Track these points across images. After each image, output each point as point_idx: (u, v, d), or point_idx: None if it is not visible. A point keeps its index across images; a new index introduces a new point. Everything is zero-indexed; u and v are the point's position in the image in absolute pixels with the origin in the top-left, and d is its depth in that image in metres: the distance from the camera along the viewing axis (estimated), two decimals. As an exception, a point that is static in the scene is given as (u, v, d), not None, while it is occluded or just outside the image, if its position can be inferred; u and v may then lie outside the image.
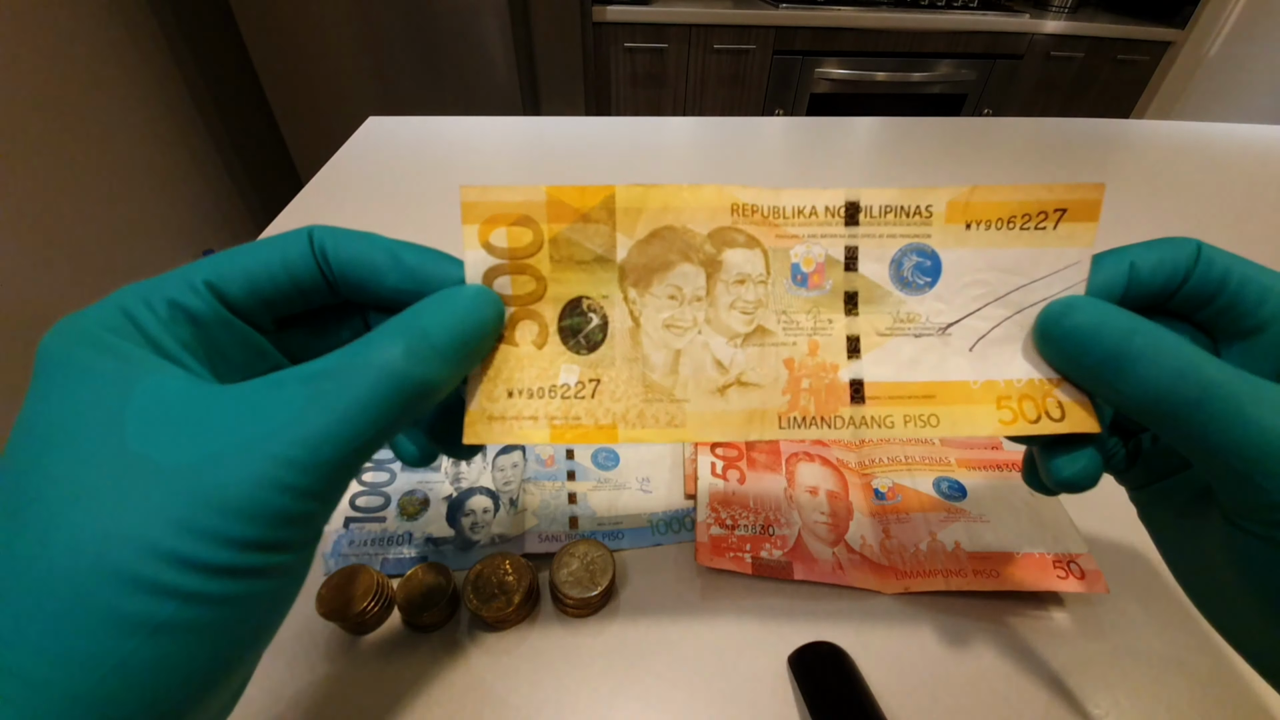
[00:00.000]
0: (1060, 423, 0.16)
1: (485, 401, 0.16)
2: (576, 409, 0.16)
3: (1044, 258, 0.16)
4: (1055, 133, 0.77)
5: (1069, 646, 0.23)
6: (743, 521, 0.25)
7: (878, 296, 0.16)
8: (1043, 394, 0.16)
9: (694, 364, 0.16)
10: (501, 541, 0.25)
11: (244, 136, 1.54)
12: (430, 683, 0.21)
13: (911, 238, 0.16)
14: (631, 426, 0.16)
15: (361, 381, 0.12)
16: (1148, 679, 0.22)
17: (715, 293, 0.16)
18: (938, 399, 0.16)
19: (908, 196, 0.16)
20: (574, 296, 0.16)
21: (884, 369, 0.16)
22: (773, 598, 0.24)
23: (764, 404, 0.16)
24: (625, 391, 0.16)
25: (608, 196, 0.16)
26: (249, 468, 0.11)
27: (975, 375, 0.16)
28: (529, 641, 0.22)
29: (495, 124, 0.72)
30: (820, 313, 0.16)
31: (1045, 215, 0.16)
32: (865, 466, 0.28)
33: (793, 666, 0.21)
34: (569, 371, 0.16)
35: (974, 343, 0.16)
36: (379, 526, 0.25)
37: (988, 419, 0.16)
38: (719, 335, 0.16)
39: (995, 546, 0.24)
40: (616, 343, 0.16)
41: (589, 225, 0.16)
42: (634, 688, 0.21)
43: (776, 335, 0.16)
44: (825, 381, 0.16)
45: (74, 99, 1.10)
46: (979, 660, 0.22)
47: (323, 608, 0.21)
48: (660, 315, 0.16)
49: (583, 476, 0.28)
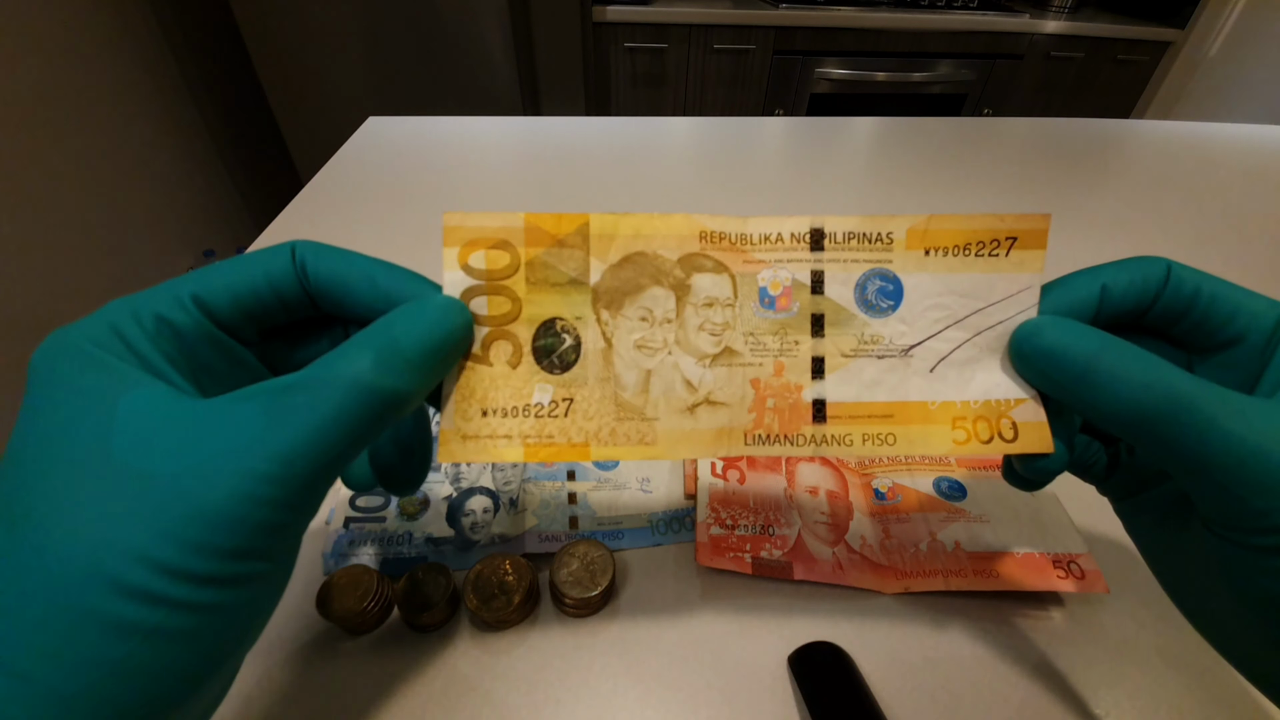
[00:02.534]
0: (1012, 444, 0.16)
1: (459, 420, 0.16)
2: (550, 428, 0.16)
3: (998, 283, 0.17)
4: (1055, 133, 0.77)
5: (1069, 646, 0.23)
6: (743, 521, 0.25)
7: (843, 319, 0.17)
8: (997, 415, 0.17)
9: (664, 384, 0.17)
10: (501, 541, 0.25)
11: (244, 137, 1.54)
12: (430, 683, 0.21)
13: (874, 263, 0.17)
14: (604, 445, 0.16)
15: (331, 395, 0.12)
16: (1148, 679, 0.22)
17: (684, 315, 0.17)
18: (896, 419, 0.17)
19: (870, 224, 0.17)
20: (548, 318, 0.16)
21: (846, 389, 0.17)
22: (773, 598, 0.24)
23: (731, 422, 0.17)
24: (598, 410, 0.16)
25: (583, 224, 0.16)
26: (225, 481, 0.11)
27: (933, 396, 0.17)
28: (529, 641, 0.22)
29: (495, 124, 0.72)
30: (787, 334, 0.17)
31: (998, 243, 0.17)
32: (865, 466, 0.28)
33: (793, 666, 0.21)
34: (543, 391, 0.16)
35: (934, 364, 0.17)
36: (379, 526, 0.25)
37: (942, 439, 0.17)
38: (688, 356, 0.17)
39: (995, 546, 0.24)
40: (589, 363, 0.17)
41: (564, 250, 0.16)
42: (634, 688, 0.21)
43: (744, 356, 0.17)
44: (789, 401, 0.17)
45: (74, 99, 1.10)
46: (979, 660, 0.22)
47: (323, 608, 0.21)
48: (632, 336, 0.17)
49: (583, 476, 0.28)
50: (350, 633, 0.22)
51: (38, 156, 1.03)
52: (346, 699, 0.21)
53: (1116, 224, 0.55)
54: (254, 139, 1.56)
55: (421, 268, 0.16)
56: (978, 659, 0.22)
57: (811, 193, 0.58)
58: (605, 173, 0.60)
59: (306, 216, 0.50)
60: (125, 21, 1.21)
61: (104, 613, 0.10)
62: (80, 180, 1.11)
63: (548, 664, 0.22)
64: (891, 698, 0.21)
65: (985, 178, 0.63)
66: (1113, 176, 0.66)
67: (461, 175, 0.59)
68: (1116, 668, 0.22)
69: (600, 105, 1.56)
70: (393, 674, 0.21)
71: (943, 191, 0.59)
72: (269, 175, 1.65)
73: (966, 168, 0.65)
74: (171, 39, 1.32)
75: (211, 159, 1.46)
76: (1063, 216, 0.56)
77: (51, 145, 1.05)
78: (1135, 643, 0.23)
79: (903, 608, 0.24)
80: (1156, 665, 0.22)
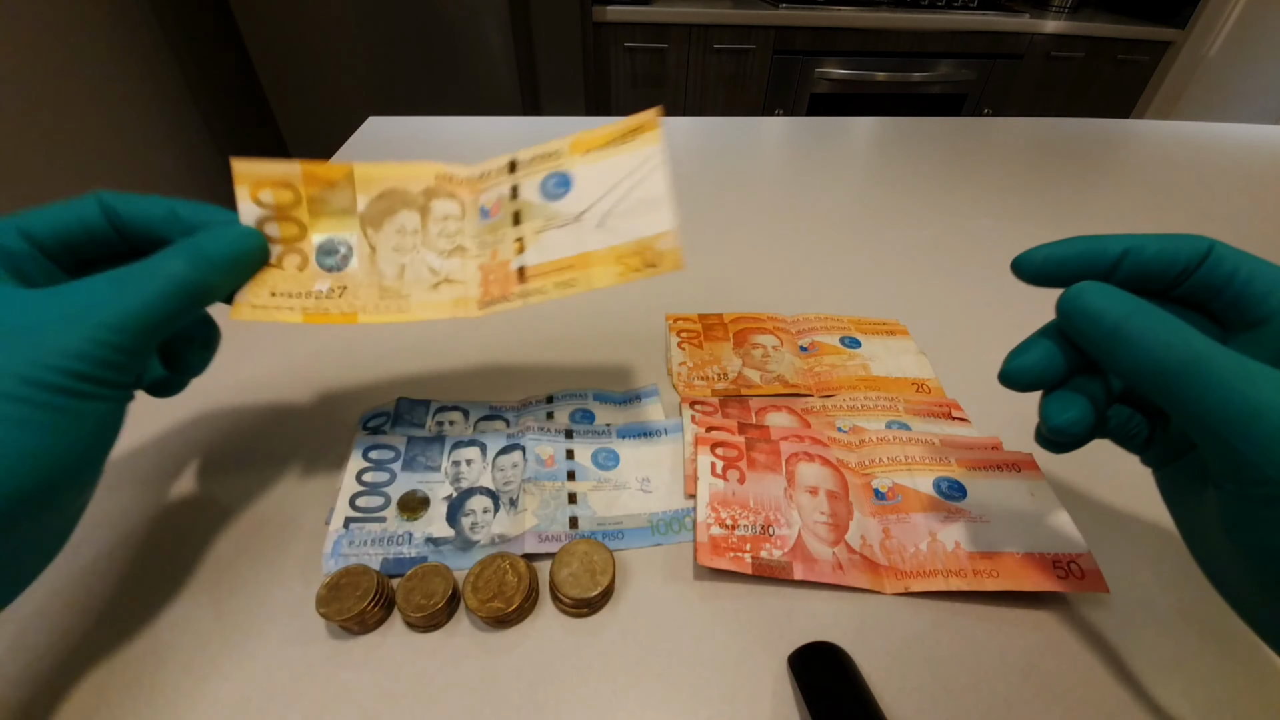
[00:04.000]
0: (656, 268, 0.22)
1: (250, 296, 0.21)
2: (326, 304, 0.22)
3: (633, 158, 0.23)
4: (1055, 133, 0.77)
5: (1069, 646, 0.23)
6: (743, 521, 0.25)
7: (534, 211, 0.24)
8: (646, 249, 0.22)
9: (415, 272, 0.23)
10: (501, 541, 0.25)
11: (244, 137, 1.54)
12: (430, 683, 0.21)
13: (551, 170, 0.24)
14: (369, 314, 0.22)
15: (155, 279, 0.18)
16: (1148, 679, 0.22)
17: (428, 227, 0.24)
18: (575, 267, 0.23)
19: (545, 147, 0.24)
20: (327, 236, 0.23)
21: (538, 255, 0.23)
22: (773, 598, 0.24)
23: (465, 294, 0.23)
24: (365, 294, 0.23)
25: (348, 172, 0.23)
26: (79, 329, 0.16)
27: (601, 244, 0.23)
28: (529, 641, 0.22)
29: (495, 124, 0.72)
30: (499, 230, 0.24)
31: (627, 135, 0.24)
32: (865, 466, 0.28)
33: (793, 666, 0.21)
34: (322, 282, 0.22)
35: (601, 219, 0.23)
36: (379, 526, 0.25)
37: (609, 273, 0.22)
38: (431, 252, 0.24)
39: (995, 546, 0.24)
40: (358, 264, 0.23)
41: (336, 189, 0.23)
42: (634, 688, 0.21)
43: (471, 250, 0.24)
44: (503, 273, 0.23)
45: (74, 99, 1.10)
46: (979, 660, 0.22)
47: (323, 608, 0.21)
48: (389, 243, 0.23)
49: (583, 476, 0.28)
50: (350, 633, 0.22)
51: (37, 156, 1.03)
52: (346, 699, 0.21)
53: (1117, 224, 0.55)
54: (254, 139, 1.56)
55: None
56: (978, 659, 0.22)
57: (811, 192, 0.58)
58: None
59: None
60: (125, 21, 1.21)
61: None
62: (80, 180, 1.11)
63: (548, 664, 0.22)
64: (891, 698, 0.21)
65: (985, 178, 0.63)
66: (1113, 176, 0.66)
67: (461, 175, 0.59)
68: (1116, 668, 0.22)
69: (600, 105, 1.56)
70: (393, 674, 0.21)
71: (943, 191, 0.59)
72: (269, 175, 1.64)
73: (966, 168, 0.65)
74: (171, 39, 1.32)
75: (211, 159, 1.46)
76: (1063, 216, 0.56)
77: (51, 145, 1.05)
78: (1135, 643, 0.23)
79: (903, 608, 0.24)
80: (1157, 665, 0.22)
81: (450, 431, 0.30)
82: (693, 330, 0.38)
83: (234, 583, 0.24)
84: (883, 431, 0.31)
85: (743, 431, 0.29)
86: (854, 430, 0.31)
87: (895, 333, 0.39)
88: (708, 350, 0.36)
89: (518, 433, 0.29)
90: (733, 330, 0.38)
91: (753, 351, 0.36)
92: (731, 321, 0.39)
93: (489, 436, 0.29)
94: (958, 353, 0.37)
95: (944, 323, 0.40)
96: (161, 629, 0.22)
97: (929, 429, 0.31)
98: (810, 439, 0.29)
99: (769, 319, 0.39)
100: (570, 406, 0.32)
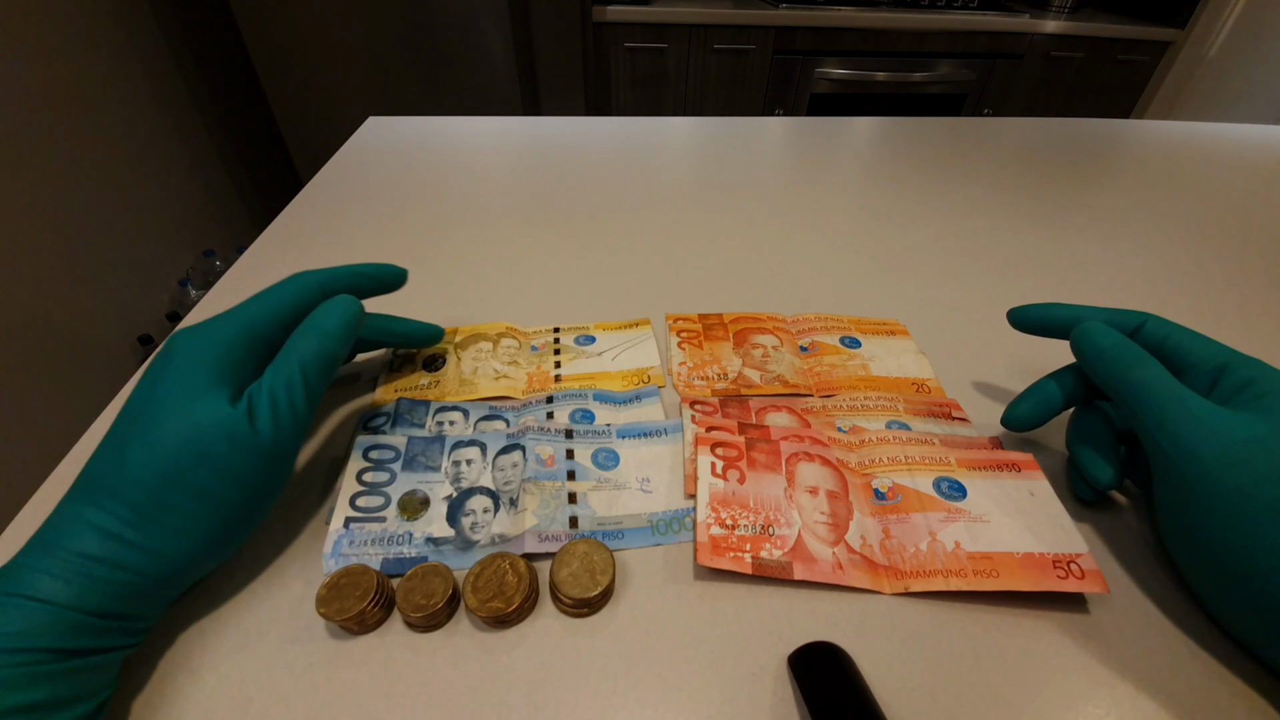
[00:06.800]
0: (647, 384, 0.34)
1: (381, 388, 0.33)
2: (425, 392, 0.32)
3: (634, 333, 0.38)
4: (1055, 133, 0.77)
5: (1069, 646, 0.23)
6: (743, 521, 0.25)
7: (571, 351, 0.36)
8: (643, 373, 0.35)
9: (484, 372, 0.34)
10: (501, 541, 0.25)
11: (244, 136, 1.54)
12: (430, 683, 0.21)
13: (580, 334, 0.38)
14: (450, 396, 0.32)
15: (307, 349, 0.24)
16: (1148, 679, 0.22)
17: (496, 351, 0.35)
18: (594, 377, 0.34)
19: (581, 326, 0.38)
20: (432, 353, 0.35)
21: (569, 370, 0.35)
22: (773, 598, 0.24)
23: (514, 386, 0.33)
24: (450, 387, 0.33)
25: (453, 330, 0.36)
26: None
27: (614, 369, 0.35)
28: (529, 641, 0.22)
29: (495, 124, 0.72)
30: (544, 357, 0.35)
31: (624, 327, 0.39)
32: (865, 466, 0.28)
33: (793, 666, 0.21)
34: (423, 379, 0.33)
35: (615, 358, 0.36)
36: (379, 526, 0.25)
37: (613, 381, 0.34)
38: (497, 362, 0.34)
39: (995, 546, 0.24)
40: (448, 369, 0.34)
41: (449, 345, 0.36)
42: (634, 688, 0.21)
43: (523, 365, 0.35)
44: (544, 378, 0.34)
45: (74, 99, 1.10)
46: (978, 660, 0.22)
47: (323, 608, 0.21)
48: (470, 357, 0.35)
49: (583, 476, 0.28)
50: (350, 633, 0.22)
51: (37, 156, 1.03)
52: (347, 699, 0.21)
53: (1117, 224, 0.55)
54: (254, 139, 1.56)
55: (420, 266, 0.16)
56: (978, 659, 0.22)
57: (811, 192, 0.58)
58: (605, 173, 0.60)
59: (306, 216, 0.50)
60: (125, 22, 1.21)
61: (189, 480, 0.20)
62: (80, 180, 1.11)
63: (548, 664, 0.22)
64: (891, 698, 0.21)
65: (985, 178, 0.63)
66: (1113, 176, 0.66)
67: (461, 175, 0.59)
68: (1116, 668, 0.22)
69: (600, 105, 1.56)
70: (393, 674, 0.21)
71: (943, 191, 0.59)
72: (269, 175, 1.65)
73: (966, 168, 0.65)
74: (172, 39, 1.32)
75: (211, 159, 1.46)
76: (1063, 216, 0.56)
77: (51, 145, 1.05)
78: (1135, 643, 0.23)
79: (903, 608, 0.24)
80: (1156, 665, 0.22)
81: (450, 431, 0.30)
82: (693, 330, 0.38)
83: (234, 582, 0.24)
84: (883, 431, 0.31)
85: (743, 431, 0.29)
86: (854, 430, 0.31)
87: (895, 333, 0.39)
88: (708, 350, 0.36)
89: (518, 432, 0.29)
90: (733, 330, 0.38)
91: (753, 351, 0.36)
92: (731, 321, 0.39)
93: (489, 436, 0.29)
94: (958, 353, 0.37)
95: (944, 323, 0.40)
96: (161, 628, 0.22)
97: (929, 429, 0.31)
98: (810, 439, 0.29)
99: (769, 319, 0.39)
100: (570, 406, 0.32)
